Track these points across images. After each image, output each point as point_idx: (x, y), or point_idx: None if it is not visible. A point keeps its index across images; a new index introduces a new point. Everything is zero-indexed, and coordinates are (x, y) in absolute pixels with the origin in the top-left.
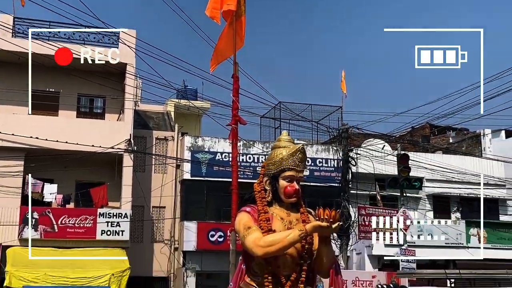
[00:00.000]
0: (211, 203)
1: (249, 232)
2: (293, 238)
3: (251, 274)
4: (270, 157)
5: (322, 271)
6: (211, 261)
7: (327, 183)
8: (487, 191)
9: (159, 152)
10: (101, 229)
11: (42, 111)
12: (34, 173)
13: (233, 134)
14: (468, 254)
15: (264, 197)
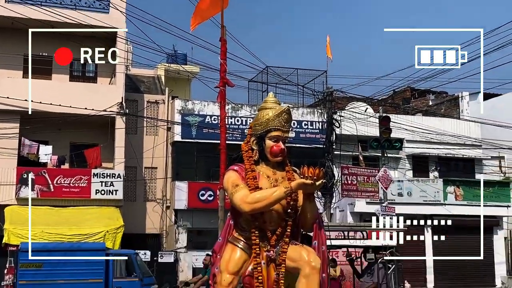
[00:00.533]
0: (201, 164)
1: (237, 190)
2: (279, 195)
3: (238, 229)
4: (256, 118)
5: (306, 226)
6: (202, 218)
7: (312, 144)
8: (464, 151)
9: (150, 115)
10: (95, 189)
11: (35, 75)
12: (30, 135)
13: (221, 96)
14: (445, 210)
15: (251, 156)
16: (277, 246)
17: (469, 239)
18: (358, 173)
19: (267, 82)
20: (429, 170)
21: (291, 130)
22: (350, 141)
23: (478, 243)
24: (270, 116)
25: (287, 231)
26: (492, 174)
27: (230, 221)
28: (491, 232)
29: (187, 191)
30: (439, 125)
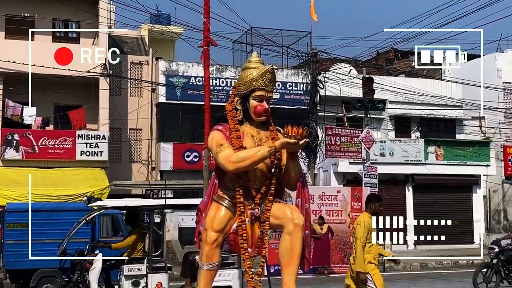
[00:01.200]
0: (186, 125)
1: (221, 149)
2: (263, 154)
3: (223, 188)
4: (240, 78)
5: (290, 185)
6: (187, 179)
7: (296, 105)
8: (446, 111)
9: (134, 76)
10: (80, 150)
11: (17, 36)
12: (13, 97)
13: (205, 55)
14: (426, 169)
15: (235, 116)
16: (261, 204)
17: (449, 198)
18: (341, 134)
19: (251, 43)
20: (411, 131)
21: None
22: (334, 102)
23: (458, 201)
24: (254, 75)
25: (271, 189)
26: (472, 134)
27: (215, 180)
28: (470, 191)
29: (172, 152)
30: (421, 86)
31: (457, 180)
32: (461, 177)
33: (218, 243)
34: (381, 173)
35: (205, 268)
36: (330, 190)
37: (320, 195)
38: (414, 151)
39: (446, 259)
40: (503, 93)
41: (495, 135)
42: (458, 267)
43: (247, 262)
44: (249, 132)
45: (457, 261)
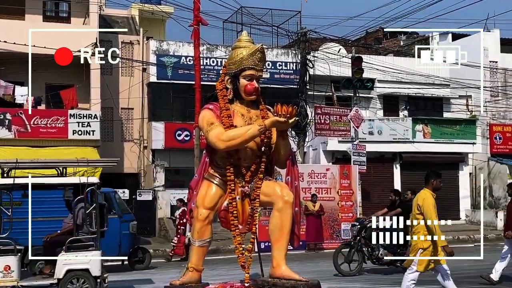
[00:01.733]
0: (177, 104)
1: (212, 128)
2: (253, 132)
3: (214, 166)
4: (230, 57)
5: (279, 163)
6: (179, 158)
7: (286, 85)
8: (433, 90)
9: (125, 56)
10: (72, 129)
11: (8, 15)
12: (4, 76)
13: (195, 34)
14: (414, 147)
15: (226, 95)
16: (251, 182)
17: None
18: (330, 113)
19: (241, 22)
20: (399, 109)
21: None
22: (323, 82)
23: (444, 178)
24: (244, 55)
25: (261, 167)
26: (459, 113)
27: (205, 159)
28: (457, 168)
29: (163, 131)
30: (409, 65)
31: (444, 157)
32: (448, 154)
33: (209, 220)
34: (369, 151)
35: (196, 245)
36: (319, 168)
37: (310, 173)
38: (402, 129)
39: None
40: (489, 72)
41: (481, 114)
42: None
43: (237, 239)
44: (240, 111)
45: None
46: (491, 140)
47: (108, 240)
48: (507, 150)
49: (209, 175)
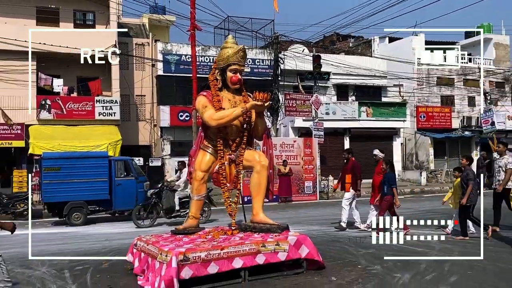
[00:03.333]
0: (179, 92)
1: (206, 110)
2: (237, 113)
3: (208, 139)
4: (219, 55)
5: (258, 136)
6: (181, 133)
7: (262, 77)
8: (374, 81)
9: (138, 54)
10: (98, 112)
11: (46, 23)
12: (45, 71)
13: (191, 37)
14: (359, 124)
15: (216, 84)
16: (236, 151)
17: (376, 145)
18: (297, 98)
19: (228, 28)
20: (348, 95)
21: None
22: (291, 74)
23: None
24: (230, 53)
25: (244, 140)
26: (393, 97)
27: (201, 133)
28: (392, 139)
29: (169, 113)
30: (356, 61)
31: (382, 131)
32: (385, 129)
33: (205, 180)
34: (326, 127)
35: (195, 199)
36: (288, 140)
37: (281, 144)
38: (351, 110)
39: None
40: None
41: (410, 98)
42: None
43: (226, 194)
44: (227, 97)
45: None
46: (417, 118)
47: (128, 196)
48: (429, 125)
49: (204, 146)
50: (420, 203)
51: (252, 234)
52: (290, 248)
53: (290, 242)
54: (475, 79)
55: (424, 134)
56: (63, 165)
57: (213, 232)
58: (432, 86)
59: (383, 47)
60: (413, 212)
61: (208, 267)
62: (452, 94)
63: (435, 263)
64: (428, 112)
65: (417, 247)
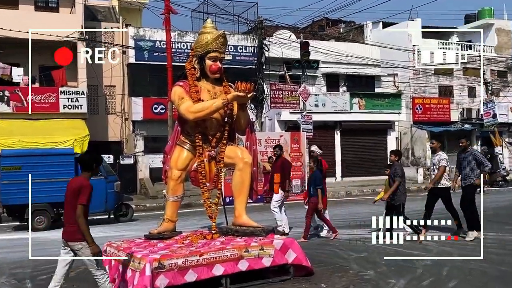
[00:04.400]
0: (153, 82)
1: (182, 102)
2: (218, 105)
3: (185, 134)
4: (197, 41)
5: (240, 130)
6: (155, 128)
7: (245, 65)
8: (367, 70)
9: (107, 41)
10: (63, 104)
11: (3, 5)
12: (2, 59)
13: (166, 21)
14: (351, 117)
15: (194, 73)
16: (217, 147)
17: (369, 139)
18: (283, 89)
19: (207, 12)
20: (339, 86)
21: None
22: (277, 63)
23: (376, 142)
24: (209, 39)
25: (225, 134)
26: (387, 88)
27: (177, 128)
28: (386, 133)
29: (142, 105)
30: (348, 49)
31: (375, 125)
32: (379, 122)
33: (182, 179)
34: (315, 120)
35: (171, 200)
36: (274, 135)
37: (266, 139)
38: (342, 102)
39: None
40: (413, 53)
41: (405, 89)
42: (375, 194)
43: (205, 194)
44: (206, 87)
45: (374, 189)
46: (413, 110)
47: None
48: (426, 118)
49: (181, 142)
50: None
51: (234, 238)
52: (275, 253)
53: (276, 246)
54: (475, 67)
55: (421, 128)
56: (24, 164)
57: (191, 236)
58: (430, 75)
59: (377, 33)
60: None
61: (186, 275)
62: (451, 84)
63: (432, 267)
64: (425, 104)
65: (413, 249)
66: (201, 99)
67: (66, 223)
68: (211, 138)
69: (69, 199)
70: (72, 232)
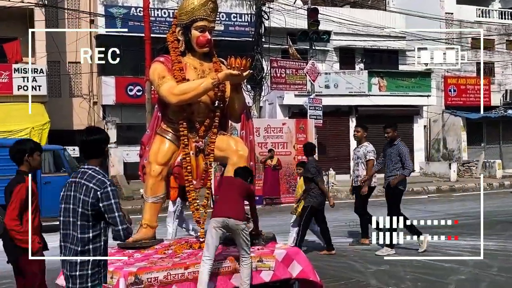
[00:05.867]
0: (128, 58)
1: (164, 81)
2: (206, 86)
3: (166, 121)
4: (182, 7)
5: (234, 117)
6: (130, 114)
7: (241, 37)
8: (389, 42)
9: (72, 7)
10: (17, 85)
11: None
12: None
13: None
14: (369, 101)
15: (177, 47)
16: (205, 137)
17: None
18: (286, 66)
19: None
20: (355, 62)
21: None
22: (279, 34)
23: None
24: (196, 4)
25: (215, 122)
26: (414, 65)
27: (157, 113)
28: (412, 120)
29: (114, 86)
30: (365, 17)
31: (399, 110)
32: (403, 107)
33: (163, 176)
34: (325, 105)
35: (150, 201)
36: (275, 123)
37: (266, 128)
38: (358, 82)
39: None
40: (445, 23)
41: (436, 66)
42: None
43: (192, 194)
44: (192, 64)
45: None
46: (446, 92)
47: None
48: (461, 102)
49: (161, 130)
50: (449, 204)
51: (226, 248)
52: (277, 265)
53: (277, 257)
54: None
55: (455, 114)
56: None
57: (174, 245)
58: (466, 49)
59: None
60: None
61: None
62: (492, 60)
63: (467, 284)
64: (459, 85)
65: (444, 262)
66: (187, 78)
67: (228, 201)
68: (199, 126)
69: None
70: (238, 211)
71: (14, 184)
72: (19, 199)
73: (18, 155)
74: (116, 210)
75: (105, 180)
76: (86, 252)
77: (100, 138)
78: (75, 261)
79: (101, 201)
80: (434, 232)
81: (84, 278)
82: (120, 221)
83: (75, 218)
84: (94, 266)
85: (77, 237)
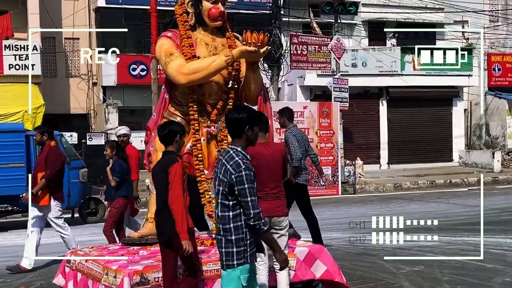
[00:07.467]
0: (131, 33)
1: (172, 59)
2: (219, 64)
3: (175, 103)
4: None
5: (250, 99)
6: (134, 96)
7: (257, 9)
8: (424, 15)
9: None
10: (8, 63)
11: None
12: None
13: None
14: (402, 81)
15: (187, 20)
16: (218, 122)
17: (427, 112)
18: (308, 42)
19: None
20: (386, 38)
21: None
22: (300, 6)
23: (436, 116)
24: None
25: (229, 104)
26: (454, 41)
27: (165, 95)
28: (450, 103)
29: (116, 65)
30: None
31: (436, 92)
32: (441, 89)
33: None
34: (352, 86)
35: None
36: (295, 106)
37: None
38: (390, 60)
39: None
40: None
41: (478, 42)
42: (434, 187)
43: (203, 185)
44: (203, 39)
45: (433, 180)
46: (489, 71)
47: None
48: (506, 83)
49: (169, 114)
50: (492, 198)
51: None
52: (298, 265)
53: (299, 256)
54: None
55: (499, 96)
56: None
57: None
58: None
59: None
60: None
61: None
62: None
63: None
64: (505, 63)
65: (487, 263)
66: (197, 56)
67: (270, 198)
68: (211, 109)
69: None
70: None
71: (169, 164)
72: (178, 178)
73: (170, 135)
74: (249, 195)
75: (241, 163)
76: (227, 230)
77: (239, 117)
78: (221, 238)
79: (236, 184)
80: (474, 230)
81: (229, 255)
82: (253, 205)
83: (217, 196)
84: (239, 245)
85: (218, 214)
